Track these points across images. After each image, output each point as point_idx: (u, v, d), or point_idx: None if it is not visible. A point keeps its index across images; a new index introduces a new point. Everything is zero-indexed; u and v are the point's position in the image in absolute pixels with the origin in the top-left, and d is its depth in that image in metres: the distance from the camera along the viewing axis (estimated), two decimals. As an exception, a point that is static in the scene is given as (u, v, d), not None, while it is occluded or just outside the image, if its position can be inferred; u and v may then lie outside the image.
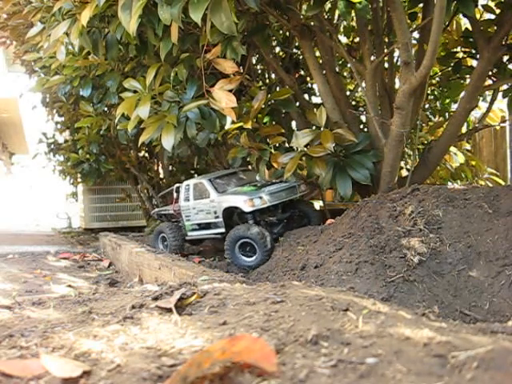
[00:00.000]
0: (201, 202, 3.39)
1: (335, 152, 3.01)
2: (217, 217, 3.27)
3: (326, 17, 3.61)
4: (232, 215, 3.27)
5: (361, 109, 4.43)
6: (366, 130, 3.57)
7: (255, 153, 3.27)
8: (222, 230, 3.25)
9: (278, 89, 3.99)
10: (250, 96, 3.38)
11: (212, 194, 3.31)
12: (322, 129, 2.96)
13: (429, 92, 4.47)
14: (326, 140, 2.85)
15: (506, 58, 3.38)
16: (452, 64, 3.79)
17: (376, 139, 3.12)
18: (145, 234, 6.07)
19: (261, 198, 3.03)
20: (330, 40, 3.33)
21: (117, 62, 3.59)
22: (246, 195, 3.06)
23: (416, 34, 3.61)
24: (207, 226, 3.39)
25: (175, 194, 3.72)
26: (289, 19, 3.23)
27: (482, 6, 3.40)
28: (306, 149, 2.93)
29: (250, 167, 3.91)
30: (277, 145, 3.35)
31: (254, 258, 2.97)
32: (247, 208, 3.01)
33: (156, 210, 4.17)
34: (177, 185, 3.77)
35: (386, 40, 3.56)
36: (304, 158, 3.01)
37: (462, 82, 3.96)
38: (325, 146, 2.85)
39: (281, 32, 4.19)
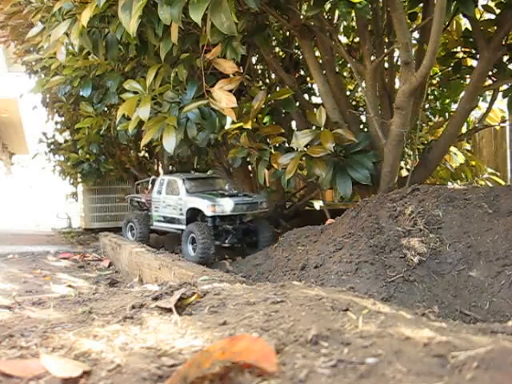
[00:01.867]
0: (170, 198, 3.67)
1: (335, 152, 3.01)
2: (181, 214, 3.55)
3: (325, 17, 3.61)
4: (196, 215, 3.51)
5: (361, 109, 4.43)
6: (365, 130, 3.57)
7: (255, 153, 3.27)
8: (183, 226, 3.49)
9: (277, 89, 4.00)
10: (250, 96, 3.38)
11: (182, 192, 3.57)
12: (321, 129, 2.96)
13: (429, 92, 4.47)
14: (326, 140, 2.85)
15: (506, 58, 3.38)
16: (452, 64, 3.79)
17: (376, 139, 3.12)
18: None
19: (222, 206, 3.28)
20: (330, 40, 3.33)
21: (117, 62, 3.59)
22: (210, 201, 3.31)
23: (416, 34, 3.61)
24: (172, 220, 3.67)
25: (150, 186, 4.08)
26: (289, 19, 3.23)
27: (482, 6, 3.40)
28: (305, 149, 2.93)
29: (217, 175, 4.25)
30: (277, 145, 3.35)
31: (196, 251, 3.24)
32: (208, 212, 3.28)
33: (130, 195, 4.58)
34: (153, 177, 4.12)
35: (386, 40, 3.56)
36: (304, 158, 3.01)
37: (461, 82, 3.96)
38: (325, 146, 2.84)
39: (281, 32, 4.19)
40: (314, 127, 3.08)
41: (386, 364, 0.75)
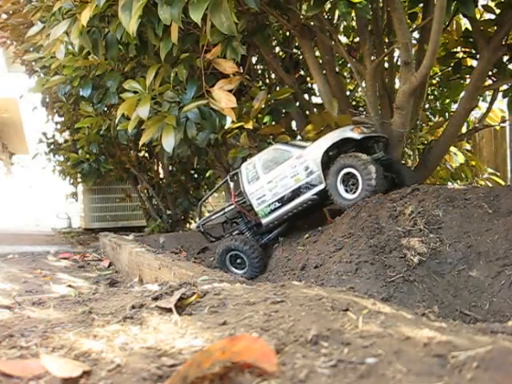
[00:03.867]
0: (279, 169, 2.85)
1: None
2: (310, 173, 2.75)
3: (326, 17, 3.61)
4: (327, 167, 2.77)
5: (361, 109, 4.43)
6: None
7: (255, 153, 3.28)
8: (322, 185, 2.72)
9: (277, 89, 4.00)
10: (249, 96, 3.38)
11: (295, 151, 2.83)
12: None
13: (429, 92, 4.47)
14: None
15: (506, 58, 3.38)
16: (452, 64, 3.80)
17: (376, 139, 3.12)
18: (145, 234, 6.07)
19: (366, 127, 2.72)
20: (330, 40, 3.33)
21: (117, 62, 3.59)
22: (349, 126, 2.73)
23: (416, 34, 3.61)
24: (295, 193, 2.81)
25: (232, 185, 3.26)
26: (289, 19, 3.23)
27: (482, 6, 3.40)
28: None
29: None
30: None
31: (357, 193, 2.60)
32: (357, 135, 2.63)
33: (200, 220, 3.33)
34: (230, 174, 3.27)
35: (386, 40, 3.56)
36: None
37: (461, 82, 3.96)
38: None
39: (281, 32, 4.19)
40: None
41: (386, 364, 0.75)
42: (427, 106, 4.72)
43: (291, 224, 3.01)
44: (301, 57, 4.18)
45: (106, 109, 4.45)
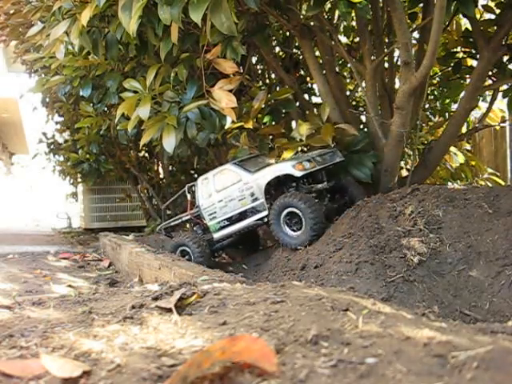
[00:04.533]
0: (229, 190, 3.02)
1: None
2: (255, 199, 2.91)
3: (326, 17, 3.61)
4: (270, 195, 2.96)
5: (361, 109, 4.43)
6: (365, 129, 3.57)
7: (255, 153, 3.28)
8: (265, 212, 2.89)
9: (277, 89, 3.99)
10: (249, 96, 3.38)
11: (244, 176, 2.96)
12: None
13: (429, 92, 4.47)
14: (327, 133, 2.88)
15: (506, 58, 3.38)
16: (452, 64, 3.79)
17: (376, 139, 3.12)
18: (145, 234, 6.07)
19: (309, 160, 2.74)
20: (330, 40, 3.33)
21: (117, 62, 3.59)
22: (293, 160, 2.78)
23: (416, 34, 3.61)
24: (242, 215, 3.00)
25: (189, 196, 3.36)
26: (289, 19, 3.23)
27: (482, 6, 3.40)
28: (304, 140, 2.97)
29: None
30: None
31: (299, 232, 2.70)
32: (297, 172, 2.70)
33: (162, 224, 3.68)
34: (188, 185, 3.41)
35: (386, 40, 3.56)
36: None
37: (461, 82, 3.96)
38: (324, 139, 2.86)
39: (281, 32, 4.19)
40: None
41: (386, 364, 0.75)
42: (427, 105, 4.71)
43: (239, 238, 3.33)
44: (301, 57, 4.18)
45: (105, 109, 4.45)
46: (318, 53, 3.70)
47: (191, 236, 3.23)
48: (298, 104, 3.71)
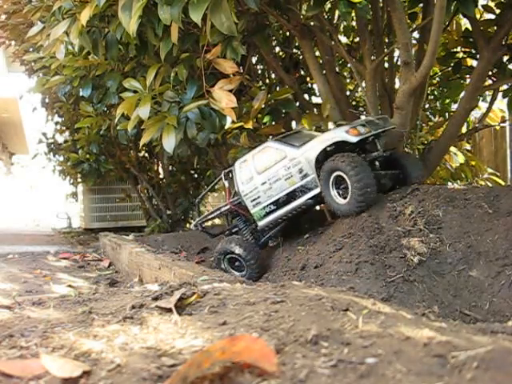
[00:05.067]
0: (273, 170, 2.72)
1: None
2: (304, 176, 2.62)
3: (325, 17, 3.61)
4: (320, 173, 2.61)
5: (361, 109, 4.43)
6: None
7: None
8: (317, 189, 2.59)
9: (277, 89, 3.99)
10: (249, 96, 3.38)
11: (289, 151, 2.67)
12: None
13: (429, 92, 4.47)
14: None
15: (506, 58, 3.39)
16: (452, 64, 3.80)
17: (376, 139, 3.12)
18: (145, 234, 6.07)
19: (363, 125, 2.49)
20: (330, 40, 3.33)
21: (117, 62, 3.59)
22: (345, 126, 2.52)
23: (416, 34, 3.61)
24: (290, 196, 2.70)
25: (226, 183, 3.02)
26: (289, 19, 3.23)
27: (482, 6, 3.40)
28: None
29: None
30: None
31: (346, 200, 2.44)
32: (352, 138, 2.42)
33: (198, 219, 3.27)
34: (224, 171, 3.07)
35: (386, 40, 3.56)
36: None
37: (461, 82, 3.96)
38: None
39: (281, 32, 4.19)
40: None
41: (386, 364, 0.75)
42: (427, 105, 4.71)
43: (291, 223, 2.93)
44: (301, 57, 4.18)
45: (105, 109, 4.45)
46: (318, 53, 3.70)
47: (239, 240, 2.85)
48: (298, 104, 3.71)
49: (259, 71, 4.52)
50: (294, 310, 1.04)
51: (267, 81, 4.37)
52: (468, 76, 3.74)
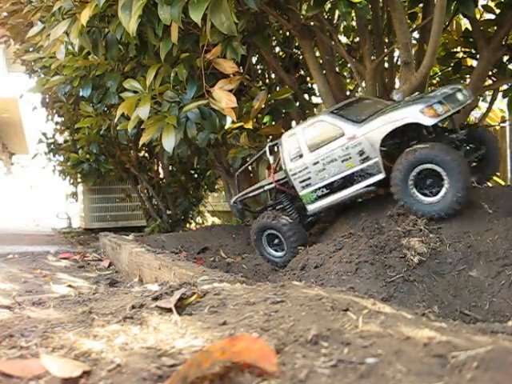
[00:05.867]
0: (327, 149, 2.39)
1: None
2: (365, 159, 2.29)
3: (325, 17, 3.62)
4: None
5: (361, 109, 4.42)
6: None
7: (255, 153, 3.28)
8: (381, 175, 2.28)
9: (277, 89, 4.00)
10: (249, 96, 3.38)
11: (348, 128, 2.32)
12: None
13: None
14: None
15: (506, 58, 3.39)
16: (452, 64, 3.80)
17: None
18: (145, 234, 6.07)
19: (441, 103, 2.13)
20: (330, 40, 3.33)
21: (117, 62, 3.59)
22: (419, 103, 2.14)
23: (416, 34, 3.62)
24: (347, 180, 2.38)
25: (271, 159, 2.69)
26: (289, 19, 3.23)
27: (482, 6, 3.41)
28: None
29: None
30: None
31: (438, 197, 2.13)
32: (429, 120, 2.08)
33: (238, 195, 2.97)
34: (269, 144, 2.75)
35: (386, 40, 3.56)
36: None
37: (461, 81, 3.96)
38: None
39: (281, 32, 4.19)
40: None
41: (386, 364, 0.75)
42: (427, 106, 4.71)
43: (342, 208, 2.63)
44: (301, 57, 4.18)
45: (105, 109, 4.45)
46: (318, 53, 3.70)
47: (282, 216, 2.58)
48: (298, 104, 3.71)
49: (259, 71, 4.52)
50: (294, 310, 1.04)
51: (267, 81, 4.37)
52: (468, 76, 3.74)
